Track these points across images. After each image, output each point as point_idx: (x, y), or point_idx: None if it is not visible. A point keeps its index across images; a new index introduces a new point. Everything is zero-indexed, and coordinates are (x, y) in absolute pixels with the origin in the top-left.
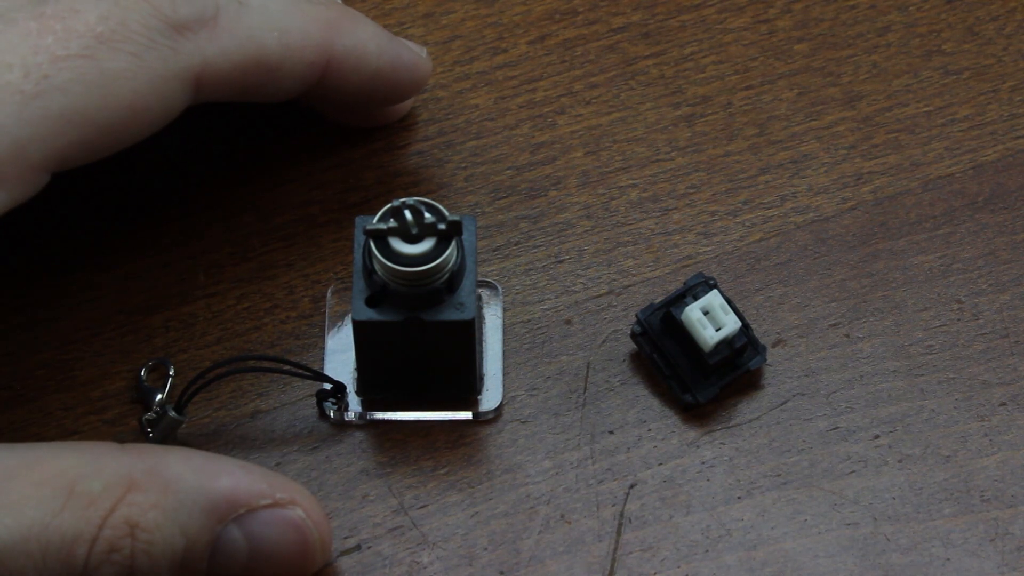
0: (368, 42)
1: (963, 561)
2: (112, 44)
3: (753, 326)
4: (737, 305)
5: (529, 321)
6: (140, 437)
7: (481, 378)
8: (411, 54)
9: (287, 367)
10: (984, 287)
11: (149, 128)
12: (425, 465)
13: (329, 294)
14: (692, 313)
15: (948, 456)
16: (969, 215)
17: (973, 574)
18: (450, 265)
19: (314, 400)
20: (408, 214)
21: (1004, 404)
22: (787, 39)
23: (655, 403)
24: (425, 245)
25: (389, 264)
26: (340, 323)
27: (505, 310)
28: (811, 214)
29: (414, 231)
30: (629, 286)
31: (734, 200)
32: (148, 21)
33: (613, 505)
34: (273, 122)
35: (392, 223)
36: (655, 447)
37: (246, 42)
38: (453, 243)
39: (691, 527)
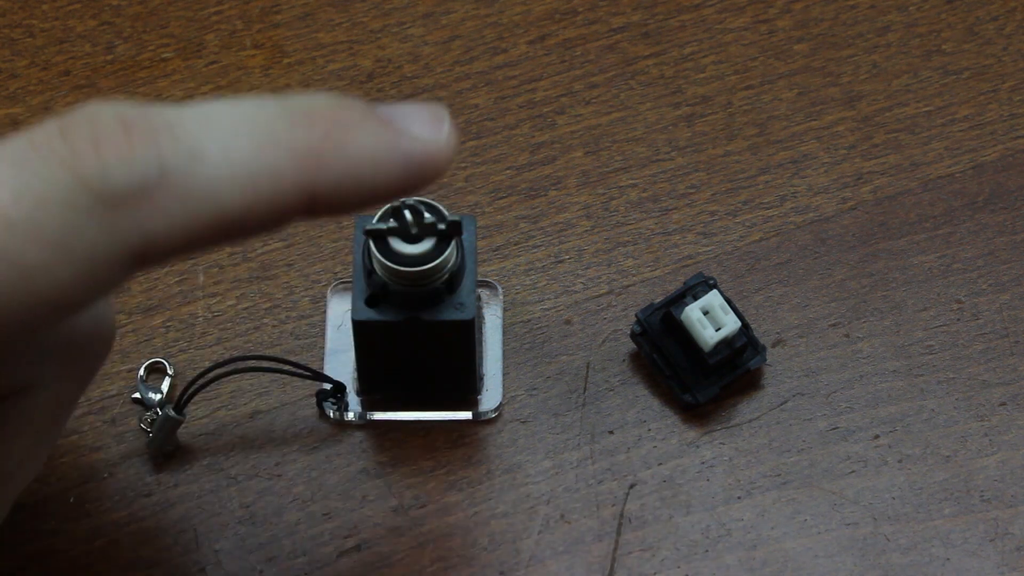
0: (362, 162)
1: (963, 561)
2: (27, 233)
3: (753, 326)
4: (737, 305)
5: (529, 321)
6: (140, 437)
7: (481, 378)
8: (423, 149)
9: (287, 367)
10: (984, 287)
11: (77, 311)
12: (425, 465)
13: (329, 294)
14: (692, 313)
15: (948, 456)
16: (969, 215)
17: (973, 574)
18: (450, 265)
19: (314, 400)
20: (408, 214)
21: (1004, 404)
22: (787, 39)
23: (655, 403)
24: (425, 245)
25: (389, 264)
26: (340, 323)
27: (505, 310)
28: (811, 214)
29: (414, 231)
30: (629, 286)
31: (734, 200)
32: (72, 198)
33: (613, 505)
34: None
35: (392, 223)
36: (655, 447)
37: (200, 205)
38: (453, 243)
39: (691, 527)
